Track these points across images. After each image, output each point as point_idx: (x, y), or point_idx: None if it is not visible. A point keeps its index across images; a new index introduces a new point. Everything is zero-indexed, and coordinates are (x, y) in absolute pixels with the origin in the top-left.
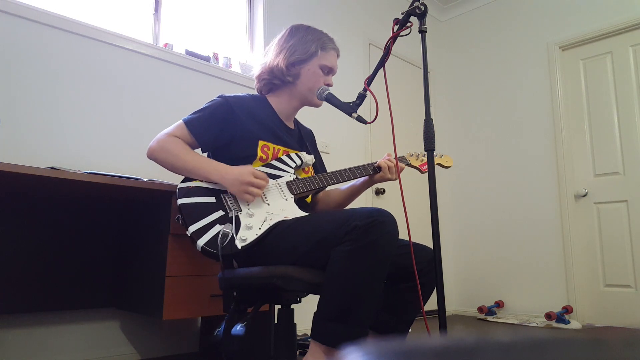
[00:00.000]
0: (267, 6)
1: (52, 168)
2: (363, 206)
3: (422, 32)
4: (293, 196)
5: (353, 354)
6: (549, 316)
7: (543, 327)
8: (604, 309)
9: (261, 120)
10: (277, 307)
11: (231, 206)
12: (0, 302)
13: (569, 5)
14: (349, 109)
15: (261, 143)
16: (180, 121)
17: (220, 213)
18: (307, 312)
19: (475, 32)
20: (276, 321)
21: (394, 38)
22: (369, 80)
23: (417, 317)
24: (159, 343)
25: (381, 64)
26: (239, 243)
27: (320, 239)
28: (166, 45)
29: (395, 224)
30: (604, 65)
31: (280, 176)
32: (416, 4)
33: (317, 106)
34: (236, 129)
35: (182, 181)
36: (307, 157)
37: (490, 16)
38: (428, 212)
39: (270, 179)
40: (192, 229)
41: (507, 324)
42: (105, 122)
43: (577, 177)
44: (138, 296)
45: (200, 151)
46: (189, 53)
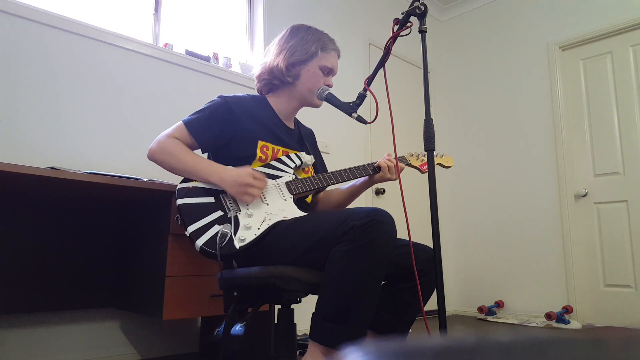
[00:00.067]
0: (267, 6)
1: (52, 168)
2: (363, 206)
3: (422, 32)
4: (292, 196)
5: (353, 354)
6: (549, 316)
7: (543, 327)
8: (604, 309)
9: (261, 121)
10: (277, 307)
11: (230, 206)
12: (0, 302)
13: (569, 5)
14: (349, 109)
15: (260, 143)
16: (180, 122)
17: (219, 213)
18: (307, 312)
19: (475, 32)
20: (276, 321)
21: (394, 38)
22: (369, 80)
23: (417, 317)
24: (159, 343)
25: (381, 64)
26: (238, 243)
27: (319, 239)
28: (166, 45)
29: (393, 223)
30: (604, 65)
31: (279, 176)
32: (416, 4)
33: (316, 107)
34: (236, 129)
35: (182, 182)
36: (307, 158)
37: (490, 16)
38: (428, 212)
39: (270, 179)
40: (191, 229)
41: (507, 324)
42: (105, 122)
43: (577, 177)
44: (138, 296)
45: (200, 151)
46: (189, 53)
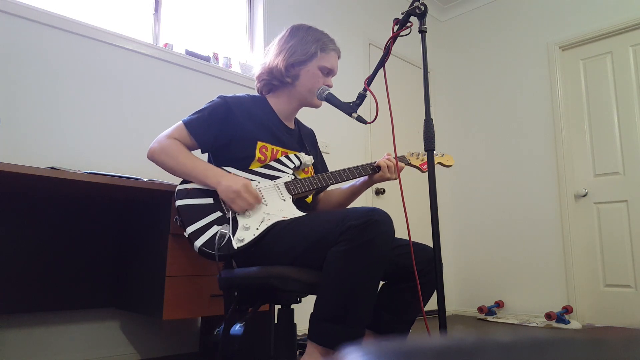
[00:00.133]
0: (267, 6)
1: (52, 168)
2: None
3: (422, 32)
4: (291, 197)
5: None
6: (549, 316)
7: (543, 327)
8: (604, 309)
9: (260, 121)
10: (277, 307)
11: (229, 207)
12: (0, 302)
13: (569, 5)
14: (349, 109)
15: (260, 144)
16: (180, 122)
17: (218, 214)
18: (307, 312)
19: (475, 32)
20: (276, 321)
21: (394, 38)
22: (369, 80)
23: (417, 317)
24: (159, 343)
25: (381, 64)
26: (236, 243)
27: (317, 239)
28: (166, 45)
29: (391, 223)
30: (604, 65)
31: (278, 177)
32: (416, 4)
33: (316, 107)
34: (235, 129)
35: (181, 183)
36: (306, 158)
37: (490, 16)
38: (428, 212)
39: (269, 180)
40: (190, 230)
41: (507, 324)
42: (105, 122)
43: (577, 177)
44: (138, 296)
45: (200, 152)
46: (189, 53)
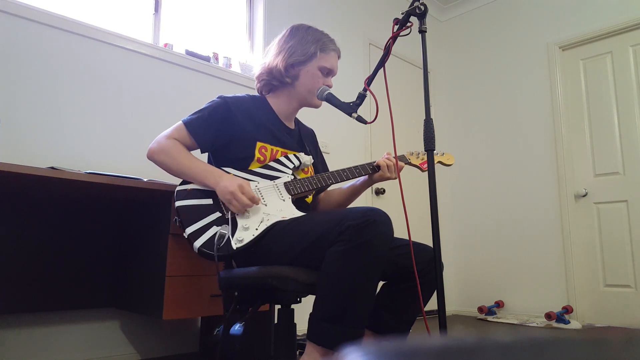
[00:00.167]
0: (267, 6)
1: (52, 168)
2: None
3: (422, 32)
4: (291, 197)
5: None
6: (549, 316)
7: (543, 327)
8: (604, 309)
9: (259, 121)
10: (277, 307)
11: (228, 207)
12: (0, 302)
13: (569, 5)
14: (349, 109)
15: (259, 144)
16: (179, 122)
17: (218, 214)
18: (308, 312)
19: (475, 32)
20: (276, 321)
21: (394, 38)
22: (369, 80)
23: (417, 317)
24: (159, 343)
25: (381, 64)
26: (235, 244)
27: (315, 239)
28: (166, 45)
29: (389, 223)
30: (604, 65)
31: (278, 177)
32: (416, 4)
33: (316, 107)
34: (234, 129)
35: (181, 184)
36: (306, 158)
37: (490, 16)
38: (428, 212)
39: (268, 180)
40: (189, 230)
41: (507, 324)
42: (105, 122)
43: (577, 177)
44: (138, 296)
45: (199, 152)
46: (189, 53)
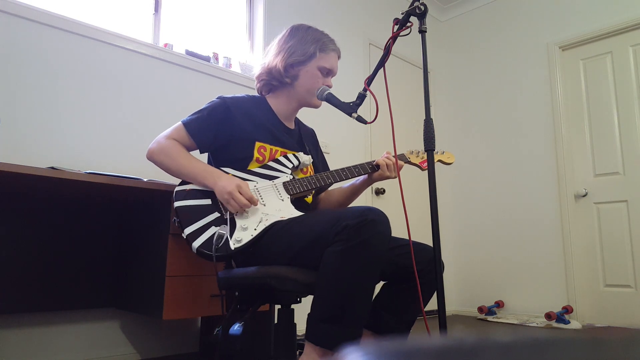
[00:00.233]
0: (267, 6)
1: (52, 168)
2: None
3: (422, 32)
4: (289, 196)
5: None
6: (549, 316)
7: (543, 327)
8: (604, 309)
9: (259, 122)
10: (277, 307)
11: (226, 208)
12: (0, 302)
13: (569, 5)
14: (349, 109)
15: (258, 144)
16: (179, 123)
17: (216, 215)
18: (308, 312)
19: (475, 32)
20: (276, 321)
21: (394, 38)
22: (369, 80)
23: (417, 317)
24: (159, 343)
25: (381, 64)
26: (233, 244)
27: (313, 239)
28: (166, 45)
29: (386, 222)
30: (604, 65)
31: (277, 177)
32: (416, 4)
33: (316, 107)
34: (233, 130)
35: (180, 184)
36: (305, 158)
37: (490, 16)
38: (428, 211)
39: (267, 180)
40: (188, 231)
41: (507, 324)
42: (105, 122)
43: (577, 177)
44: (138, 296)
45: (199, 152)
46: (189, 53)
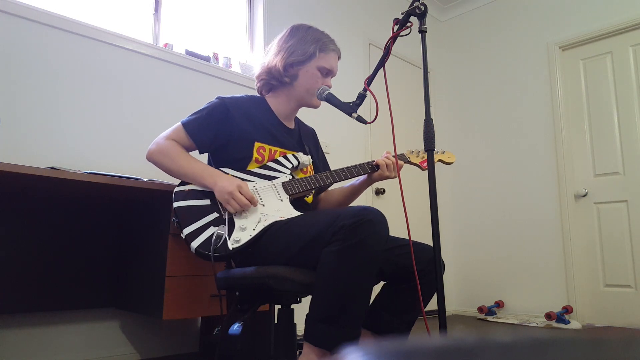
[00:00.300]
0: (267, 6)
1: (52, 168)
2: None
3: (422, 32)
4: (288, 197)
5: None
6: (549, 316)
7: (543, 327)
8: (604, 309)
9: (258, 122)
10: (277, 307)
11: (225, 208)
12: (0, 302)
13: (569, 5)
14: (349, 109)
15: (257, 144)
16: (178, 123)
17: (215, 215)
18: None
19: (475, 32)
20: (276, 321)
21: (394, 38)
22: (369, 80)
23: (417, 317)
24: (159, 343)
25: (381, 64)
26: (232, 244)
27: (310, 239)
28: (166, 45)
29: (383, 222)
30: (604, 65)
31: (276, 177)
32: (416, 4)
33: (315, 107)
34: (233, 130)
35: (179, 185)
36: (304, 158)
37: (490, 16)
38: (428, 211)
39: (266, 180)
40: (187, 231)
41: (507, 324)
42: (105, 122)
43: (577, 177)
44: (138, 296)
45: (198, 152)
46: (189, 53)
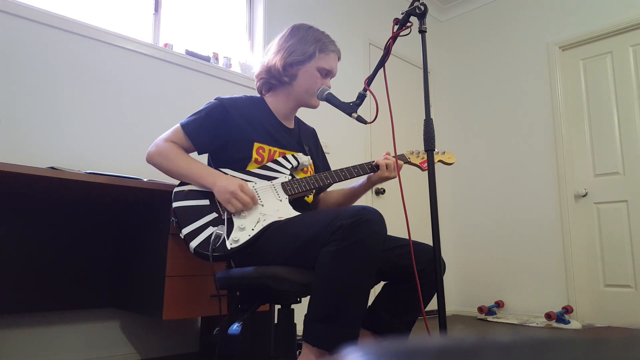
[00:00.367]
0: (267, 6)
1: (52, 168)
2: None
3: (422, 32)
4: (288, 197)
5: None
6: (549, 316)
7: (543, 327)
8: (604, 309)
9: (257, 122)
10: (277, 307)
11: (224, 208)
12: (0, 302)
13: (569, 5)
14: (349, 109)
15: (256, 145)
16: (177, 125)
17: (214, 215)
18: None
19: (475, 32)
20: (276, 321)
21: (394, 38)
22: (369, 80)
23: (417, 317)
24: (159, 343)
25: (381, 64)
26: (230, 244)
27: (308, 239)
28: (166, 45)
29: (382, 222)
30: (604, 65)
31: (275, 177)
32: (416, 4)
33: (314, 107)
34: (232, 131)
35: (178, 185)
36: (304, 158)
37: (490, 16)
38: (428, 211)
39: (265, 180)
40: (186, 231)
41: (507, 324)
42: (105, 122)
43: (577, 177)
44: (138, 296)
45: (197, 153)
46: (189, 53)
